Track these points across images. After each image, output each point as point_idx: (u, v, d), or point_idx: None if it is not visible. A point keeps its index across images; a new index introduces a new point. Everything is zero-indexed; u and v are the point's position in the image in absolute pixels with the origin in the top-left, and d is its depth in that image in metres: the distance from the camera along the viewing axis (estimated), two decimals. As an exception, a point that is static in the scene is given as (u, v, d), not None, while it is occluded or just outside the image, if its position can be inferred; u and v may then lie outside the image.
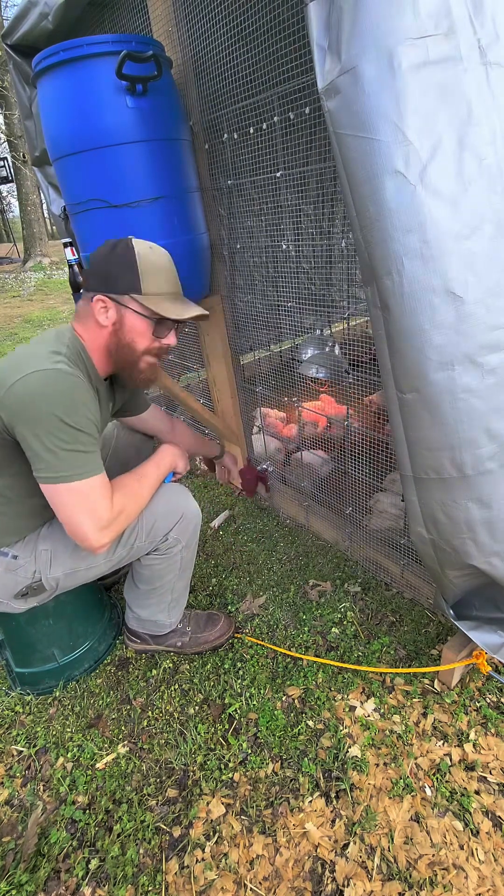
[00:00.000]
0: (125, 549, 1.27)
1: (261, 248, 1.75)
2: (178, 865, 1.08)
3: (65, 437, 1.01)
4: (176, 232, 1.55)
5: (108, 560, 1.27)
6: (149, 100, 1.39)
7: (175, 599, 1.45)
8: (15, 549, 1.20)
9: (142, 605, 1.45)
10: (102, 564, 1.27)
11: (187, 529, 1.34)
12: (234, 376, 2.03)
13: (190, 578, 1.48)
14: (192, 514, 1.35)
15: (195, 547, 1.42)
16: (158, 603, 1.43)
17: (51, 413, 0.99)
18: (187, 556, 1.39)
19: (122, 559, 1.29)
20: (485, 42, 0.82)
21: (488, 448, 0.96)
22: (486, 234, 0.85)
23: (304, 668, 1.46)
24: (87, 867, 1.09)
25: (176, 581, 1.41)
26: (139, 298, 1.11)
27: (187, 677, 1.47)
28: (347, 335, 2.88)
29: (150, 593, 1.41)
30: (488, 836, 1.08)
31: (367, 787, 1.18)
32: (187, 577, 1.45)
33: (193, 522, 1.36)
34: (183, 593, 1.47)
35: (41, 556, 1.21)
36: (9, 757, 1.33)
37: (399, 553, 1.61)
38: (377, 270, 0.91)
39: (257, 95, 1.41)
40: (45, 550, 1.21)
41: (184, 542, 1.35)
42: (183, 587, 1.46)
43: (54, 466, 1.01)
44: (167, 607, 1.45)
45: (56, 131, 1.44)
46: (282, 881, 1.04)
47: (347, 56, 0.82)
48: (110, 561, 1.27)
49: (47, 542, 1.22)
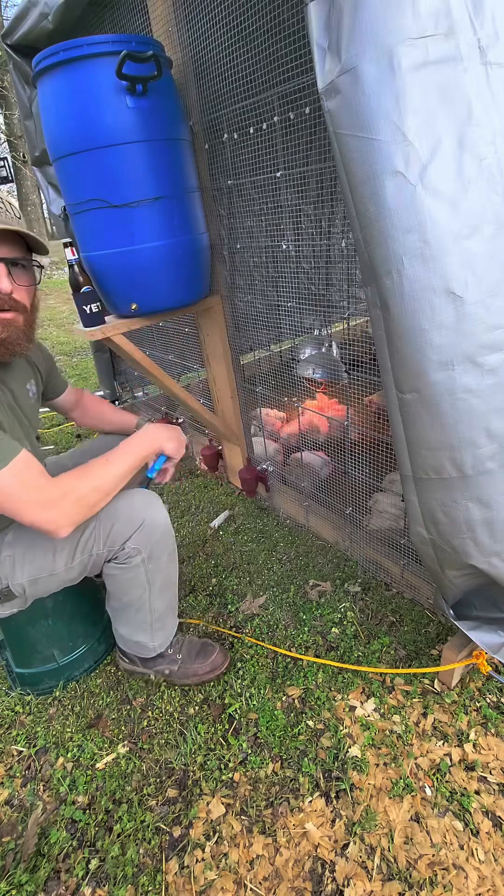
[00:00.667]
0: (85, 554, 1.20)
1: (261, 248, 1.75)
2: (178, 865, 1.08)
3: None
4: (176, 232, 1.55)
5: (69, 568, 1.20)
6: (149, 100, 1.40)
7: (157, 620, 1.34)
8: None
9: (120, 622, 1.37)
10: (63, 573, 1.21)
11: (149, 540, 1.22)
12: (234, 376, 2.03)
13: (175, 600, 1.38)
14: (154, 523, 1.22)
15: (167, 563, 1.29)
16: (137, 622, 1.34)
17: None
18: (155, 570, 1.26)
19: (85, 566, 1.22)
20: (485, 42, 0.82)
21: (488, 448, 0.96)
22: (486, 233, 0.85)
23: (304, 668, 1.46)
24: (87, 867, 1.09)
25: (151, 599, 1.30)
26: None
27: (187, 677, 1.47)
28: (347, 335, 2.88)
29: (123, 610, 1.33)
30: (488, 836, 1.08)
31: (367, 787, 1.18)
32: (168, 597, 1.34)
33: (157, 533, 1.23)
34: (166, 615, 1.37)
35: (5, 563, 1.18)
36: (9, 757, 1.33)
37: (399, 553, 1.61)
38: (377, 270, 0.91)
39: (257, 95, 1.41)
40: (8, 556, 1.18)
41: (145, 554, 1.23)
42: (164, 608, 1.35)
43: None
44: (149, 628, 1.35)
45: (56, 131, 1.44)
46: (282, 881, 1.04)
47: (347, 56, 0.82)
48: (72, 569, 1.21)
49: (9, 548, 1.19)
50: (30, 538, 1.19)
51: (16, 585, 1.19)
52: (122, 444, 1.20)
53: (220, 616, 1.68)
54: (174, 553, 1.32)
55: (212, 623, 1.65)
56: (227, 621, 1.66)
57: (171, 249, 1.55)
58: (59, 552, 1.19)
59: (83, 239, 1.58)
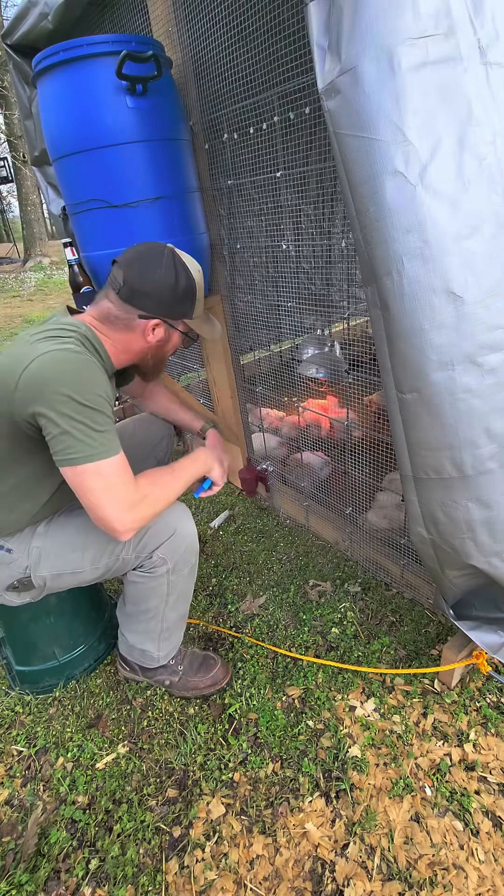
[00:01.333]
0: (111, 557, 1.22)
1: (261, 248, 1.75)
2: (178, 865, 1.08)
3: (79, 417, 0.99)
4: (176, 232, 1.55)
5: (95, 568, 1.22)
6: (149, 100, 1.40)
7: (167, 630, 1.35)
8: (10, 543, 1.20)
9: (130, 628, 1.37)
10: (88, 572, 1.22)
11: (177, 550, 1.24)
12: (234, 376, 2.03)
13: (186, 612, 1.38)
14: (185, 534, 1.25)
15: (188, 575, 1.30)
16: (147, 630, 1.34)
17: (62, 393, 0.97)
18: (176, 582, 1.28)
19: (109, 568, 1.24)
20: (485, 42, 0.82)
21: (488, 448, 0.96)
22: (486, 234, 0.85)
23: (304, 668, 1.46)
24: (87, 867, 1.09)
25: (166, 609, 1.31)
26: (189, 322, 1.22)
27: (187, 677, 1.47)
28: (347, 335, 2.88)
29: (137, 616, 1.33)
30: (488, 836, 1.08)
31: (367, 787, 1.18)
32: (181, 609, 1.35)
33: (185, 544, 1.25)
34: (176, 626, 1.38)
35: (32, 553, 1.20)
36: (9, 757, 1.33)
37: (399, 553, 1.61)
38: (377, 270, 0.91)
39: (257, 95, 1.41)
40: (37, 548, 1.20)
41: (171, 565, 1.24)
42: (176, 619, 1.36)
43: (70, 447, 1.00)
44: (157, 637, 1.35)
45: (56, 131, 1.44)
46: (282, 881, 1.04)
47: (347, 56, 0.82)
48: (97, 570, 1.23)
49: (40, 539, 1.21)
50: (62, 532, 1.21)
51: (38, 577, 1.21)
52: (185, 460, 1.28)
53: (220, 616, 1.68)
54: (195, 568, 1.33)
55: (212, 623, 1.65)
56: (227, 621, 1.66)
57: (171, 249, 1.55)
58: (88, 550, 1.20)
59: (83, 239, 1.58)
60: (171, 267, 1.14)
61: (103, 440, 1.02)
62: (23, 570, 1.20)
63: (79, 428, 0.99)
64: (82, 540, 1.20)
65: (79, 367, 1.01)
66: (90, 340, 1.10)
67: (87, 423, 1.00)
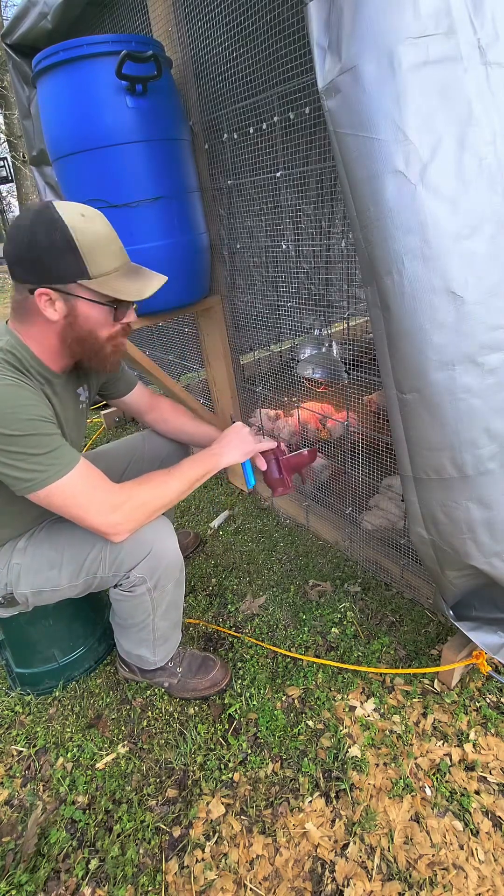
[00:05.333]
0: (89, 575, 1.18)
1: (261, 248, 1.75)
2: (178, 865, 1.08)
3: (13, 449, 0.95)
4: (176, 232, 1.55)
5: (73, 586, 1.19)
6: (149, 100, 1.40)
7: (160, 637, 1.33)
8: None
9: (122, 636, 1.36)
10: (66, 589, 1.20)
11: (156, 568, 1.18)
12: (234, 376, 2.03)
13: (179, 619, 1.37)
14: (163, 551, 1.18)
15: (173, 589, 1.26)
16: (140, 639, 1.32)
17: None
18: (160, 598, 1.23)
19: (89, 585, 1.20)
20: (485, 42, 0.82)
21: (488, 448, 0.96)
22: (487, 233, 0.85)
23: (304, 668, 1.46)
24: (87, 867, 1.09)
25: (155, 621, 1.27)
26: (89, 284, 0.97)
27: (187, 677, 1.47)
28: (347, 335, 2.88)
29: (127, 628, 1.31)
30: (488, 836, 1.08)
31: (367, 787, 1.18)
32: (172, 617, 1.33)
33: (164, 562, 1.19)
34: (169, 633, 1.35)
35: (12, 570, 1.18)
36: (9, 757, 1.33)
37: (399, 553, 1.61)
38: (377, 270, 0.91)
39: (257, 95, 1.41)
40: (17, 564, 1.18)
41: (151, 584, 1.19)
42: (167, 627, 1.33)
43: (20, 479, 0.97)
44: (151, 644, 1.33)
45: (56, 131, 1.44)
46: (282, 881, 1.04)
47: (347, 55, 0.82)
48: (74, 587, 1.20)
49: (20, 556, 1.19)
50: (39, 549, 1.19)
51: (20, 594, 1.20)
52: (187, 460, 1.23)
53: (220, 616, 1.68)
54: (181, 580, 1.29)
55: (212, 623, 1.65)
56: (227, 621, 1.66)
57: (170, 249, 1.55)
58: (65, 568, 1.18)
59: (83, 239, 1.57)
60: (29, 219, 0.94)
61: (50, 460, 0.98)
62: (4, 587, 1.20)
63: (18, 458, 0.96)
64: (58, 557, 1.18)
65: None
66: (12, 352, 1.02)
67: (25, 452, 0.96)
